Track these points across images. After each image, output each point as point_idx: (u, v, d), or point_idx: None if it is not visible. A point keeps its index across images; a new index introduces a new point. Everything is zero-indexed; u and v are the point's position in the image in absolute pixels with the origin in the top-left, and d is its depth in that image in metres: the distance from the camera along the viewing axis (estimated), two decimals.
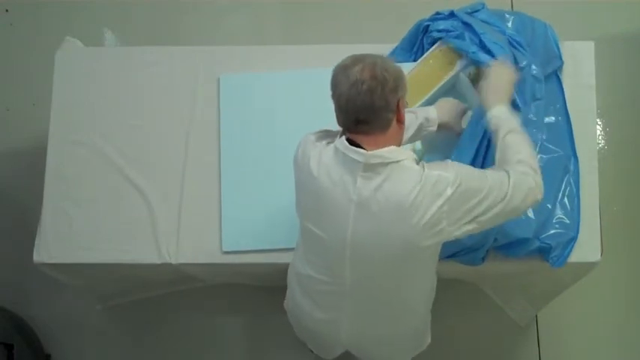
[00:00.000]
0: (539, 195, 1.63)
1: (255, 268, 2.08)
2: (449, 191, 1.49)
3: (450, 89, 2.12)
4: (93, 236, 2.12)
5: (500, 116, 1.72)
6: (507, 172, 1.60)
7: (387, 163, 1.50)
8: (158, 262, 2.09)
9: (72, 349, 2.73)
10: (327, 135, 1.66)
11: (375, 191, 1.51)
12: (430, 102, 2.10)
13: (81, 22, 3.15)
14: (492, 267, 2.01)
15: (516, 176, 1.59)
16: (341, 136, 1.56)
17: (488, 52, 1.98)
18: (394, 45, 2.24)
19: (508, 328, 2.65)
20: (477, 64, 2.01)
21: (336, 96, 1.51)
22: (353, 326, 1.76)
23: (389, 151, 1.51)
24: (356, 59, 1.50)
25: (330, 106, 1.53)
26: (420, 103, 2.09)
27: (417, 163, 1.54)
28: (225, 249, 2.07)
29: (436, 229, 1.51)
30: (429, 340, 1.92)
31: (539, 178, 1.63)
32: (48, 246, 2.12)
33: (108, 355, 2.75)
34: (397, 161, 1.50)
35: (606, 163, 2.76)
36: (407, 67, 2.13)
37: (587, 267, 2.07)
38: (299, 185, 1.66)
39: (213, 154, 2.16)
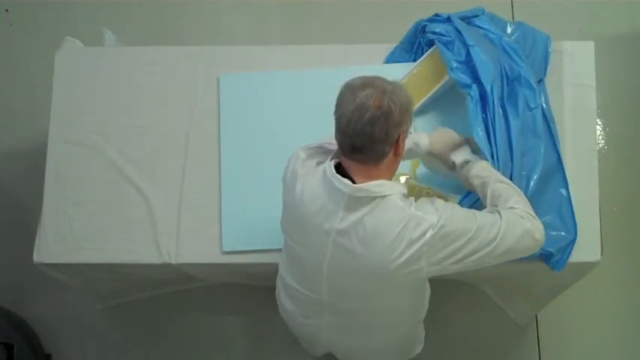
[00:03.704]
0: (538, 236, 1.58)
1: (255, 268, 2.08)
2: (429, 234, 1.46)
3: (450, 90, 2.12)
4: (93, 236, 2.12)
5: (480, 173, 1.72)
6: (500, 213, 1.56)
7: (373, 198, 1.47)
8: (158, 262, 2.09)
9: (72, 349, 2.73)
10: (318, 152, 1.63)
11: (356, 224, 1.48)
12: (430, 102, 2.10)
13: (81, 22, 3.15)
14: (492, 267, 1.99)
15: (509, 218, 1.55)
16: (332, 158, 1.54)
17: (473, 68, 1.98)
18: (394, 45, 2.24)
19: (508, 328, 2.65)
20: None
21: (338, 115, 1.46)
22: (331, 334, 1.79)
23: (376, 185, 1.47)
24: (366, 82, 1.45)
25: (330, 106, 1.52)
26: (419, 103, 2.09)
27: (406, 198, 1.50)
28: (225, 249, 2.07)
29: (413, 268, 1.49)
30: (418, 349, 1.91)
31: (537, 222, 1.59)
32: (48, 246, 2.11)
33: (108, 355, 2.75)
34: (383, 196, 1.47)
35: (606, 163, 2.76)
36: (407, 67, 2.14)
37: (587, 267, 2.07)
38: (285, 203, 1.65)
39: (213, 154, 2.16)
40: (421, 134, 1.88)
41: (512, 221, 1.54)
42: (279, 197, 1.68)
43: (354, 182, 1.48)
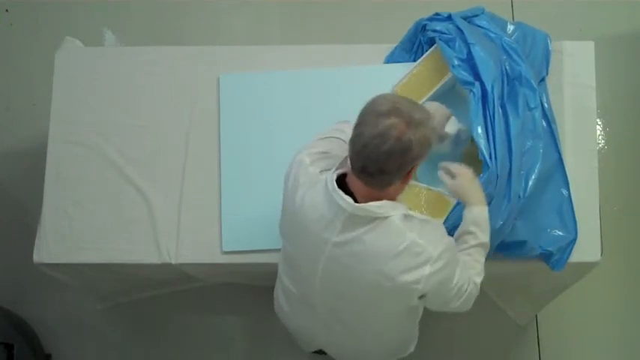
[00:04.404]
0: (468, 308, 1.66)
1: (255, 268, 2.08)
2: (427, 270, 1.47)
3: (450, 89, 2.12)
4: (93, 236, 2.12)
5: (480, 222, 1.68)
6: (469, 281, 1.60)
7: (374, 218, 1.45)
8: (158, 262, 2.09)
9: (72, 349, 2.73)
10: (322, 157, 1.60)
11: (354, 240, 1.47)
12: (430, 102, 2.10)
13: (81, 22, 3.15)
14: (492, 267, 2.00)
15: (471, 289, 1.61)
16: (337, 168, 1.52)
17: (474, 66, 1.98)
18: (394, 45, 2.24)
19: (508, 328, 2.65)
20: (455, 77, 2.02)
21: (357, 132, 1.40)
22: (325, 335, 1.79)
23: (378, 206, 1.44)
24: (393, 109, 1.37)
25: (330, 106, 1.52)
26: (420, 103, 2.08)
27: (407, 219, 1.48)
28: (225, 249, 2.07)
29: (404, 295, 1.52)
30: (411, 348, 1.92)
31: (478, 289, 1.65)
32: (48, 246, 2.12)
33: (108, 355, 2.75)
34: (384, 217, 1.45)
35: (606, 163, 2.76)
36: (407, 67, 2.14)
37: (587, 267, 2.07)
38: (284, 207, 1.64)
39: (213, 154, 2.16)
40: None
41: (469, 294, 1.62)
42: (279, 197, 1.68)
43: (355, 199, 1.46)
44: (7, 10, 3.19)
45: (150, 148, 2.19)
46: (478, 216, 1.68)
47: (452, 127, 1.89)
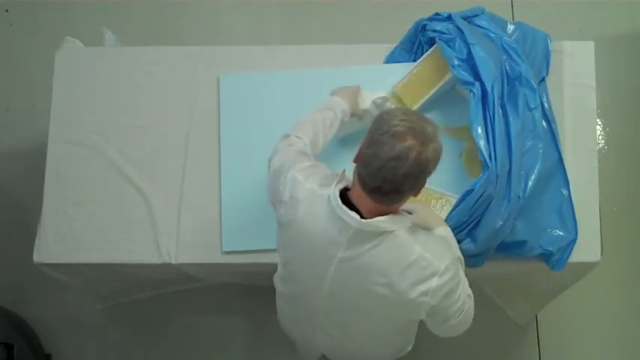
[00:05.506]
0: (467, 326, 1.65)
1: (255, 268, 2.08)
2: (434, 282, 1.47)
3: (450, 89, 2.12)
4: (93, 236, 2.12)
5: (450, 240, 1.69)
6: (466, 295, 1.61)
7: (380, 233, 1.45)
8: (158, 262, 2.09)
9: (72, 349, 2.73)
10: (314, 171, 1.58)
11: (361, 255, 1.47)
12: (430, 102, 2.10)
13: (81, 22, 3.15)
14: (492, 267, 2.01)
15: (470, 306, 1.62)
16: (338, 182, 1.49)
17: (474, 66, 1.99)
18: (394, 45, 2.24)
19: (508, 328, 2.66)
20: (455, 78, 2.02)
21: (371, 152, 1.38)
22: (325, 341, 1.79)
23: (384, 221, 1.44)
24: (408, 128, 1.36)
25: None
26: (420, 103, 2.09)
27: (412, 231, 1.49)
28: (225, 249, 2.07)
29: (413, 309, 1.52)
30: (409, 348, 1.92)
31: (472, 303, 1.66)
32: (48, 246, 2.11)
33: (108, 355, 2.75)
34: (391, 231, 1.45)
35: (606, 163, 2.77)
36: (407, 67, 2.14)
37: (587, 267, 2.07)
38: (282, 224, 1.61)
39: (213, 154, 2.16)
40: (337, 102, 1.85)
41: (467, 313, 1.61)
42: None
43: (360, 215, 1.44)
44: (7, 10, 3.19)
45: (150, 148, 2.19)
46: (446, 235, 1.70)
47: (365, 102, 1.92)
